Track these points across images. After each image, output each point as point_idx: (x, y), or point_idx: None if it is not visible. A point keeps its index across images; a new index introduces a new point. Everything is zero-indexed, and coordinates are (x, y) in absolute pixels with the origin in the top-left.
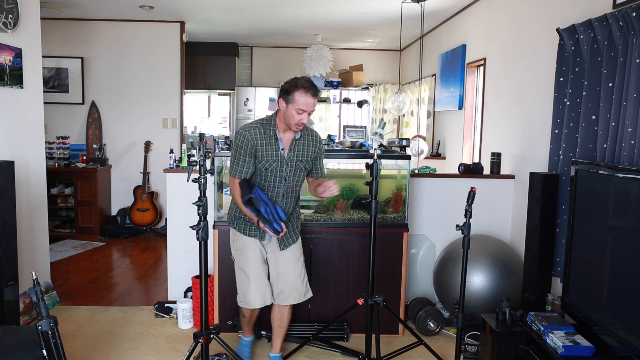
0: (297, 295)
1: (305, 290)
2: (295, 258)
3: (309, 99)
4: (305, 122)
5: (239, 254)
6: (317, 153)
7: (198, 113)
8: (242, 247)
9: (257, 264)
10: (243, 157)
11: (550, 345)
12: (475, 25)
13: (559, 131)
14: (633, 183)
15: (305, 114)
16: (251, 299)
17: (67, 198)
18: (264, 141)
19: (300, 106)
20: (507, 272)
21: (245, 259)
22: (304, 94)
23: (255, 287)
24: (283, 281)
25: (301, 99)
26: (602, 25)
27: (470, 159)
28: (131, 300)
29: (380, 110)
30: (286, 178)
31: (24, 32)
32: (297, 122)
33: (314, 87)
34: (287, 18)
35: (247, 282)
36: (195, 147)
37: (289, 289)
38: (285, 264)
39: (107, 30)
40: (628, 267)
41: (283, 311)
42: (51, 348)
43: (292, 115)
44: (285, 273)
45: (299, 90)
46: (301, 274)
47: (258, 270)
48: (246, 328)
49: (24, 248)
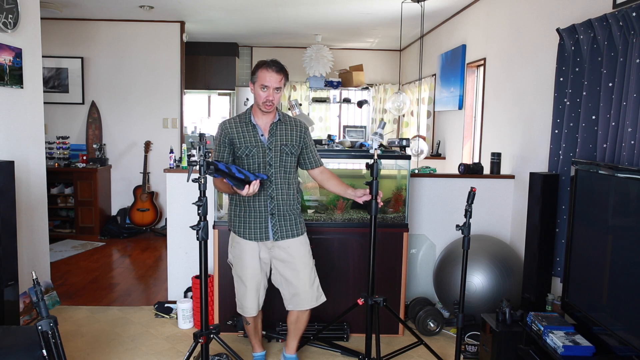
0: (309, 299)
1: (317, 294)
2: (303, 261)
3: (269, 73)
4: (273, 100)
5: (237, 261)
6: (304, 139)
7: (198, 113)
8: (239, 254)
9: (255, 272)
10: (220, 148)
11: (550, 345)
12: (475, 25)
13: (559, 131)
14: (633, 183)
15: (269, 90)
16: (248, 307)
17: (67, 198)
18: (239, 129)
19: (263, 82)
20: (507, 272)
21: (242, 266)
22: (265, 70)
23: (252, 295)
24: (292, 286)
25: (262, 74)
26: (602, 25)
27: (470, 159)
28: (131, 300)
29: (380, 110)
30: (271, 164)
31: (24, 32)
32: (264, 101)
33: (278, 64)
34: (287, 18)
35: (245, 290)
36: (195, 147)
37: (302, 294)
38: (293, 268)
39: (107, 30)
40: (628, 267)
41: (302, 317)
42: (51, 348)
43: (258, 94)
44: (294, 277)
45: (260, 68)
46: (311, 277)
47: (255, 278)
48: (254, 339)
49: (24, 248)
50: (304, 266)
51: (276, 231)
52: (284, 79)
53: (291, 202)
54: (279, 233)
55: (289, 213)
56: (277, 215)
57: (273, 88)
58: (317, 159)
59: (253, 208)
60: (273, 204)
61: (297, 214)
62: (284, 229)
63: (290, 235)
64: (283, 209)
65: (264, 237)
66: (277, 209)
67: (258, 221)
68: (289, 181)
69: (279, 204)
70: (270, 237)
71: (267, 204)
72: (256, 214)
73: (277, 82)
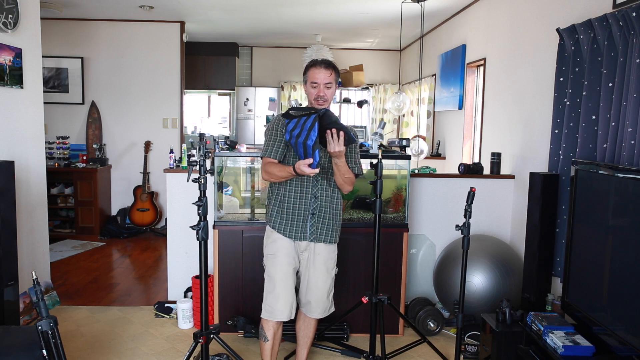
0: (322, 309)
1: (329, 304)
2: (328, 270)
3: (318, 70)
4: (324, 95)
5: (270, 260)
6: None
7: (198, 113)
8: (274, 252)
9: (288, 273)
10: (275, 137)
11: (550, 345)
12: (475, 25)
13: (559, 131)
14: (633, 183)
15: (319, 86)
16: (279, 310)
17: (67, 198)
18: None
19: (313, 79)
20: (507, 272)
21: (276, 266)
22: (313, 68)
23: (284, 296)
24: (311, 292)
25: (311, 72)
26: (602, 25)
27: (470, 159)
28: (131, 300)
29: (380, 110)
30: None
31: (24, 32)
32: (316, 97)
33: (326, 60)
34: (287, 18)
35: (276, 291)
36: (195, 147)
37: (315, 302)
38: (317, 275)
39: (107, 30)
40: (628, 267)
41: (311, 322)
42: (51, 348)
43: (310, 92)
44: (315, 285)
45: (310, 68)
46: (330, 288)
47: (288, 280)
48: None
49: (24, 248)
50: (327, 275)
51: (313, 231)
52: (334, 74)
53: (334, 205)
54: (315, 234)
55: (330, 216)
56: (318, 217)
57: (323, 84)
58: (358, 166)
59: (295, 205)
60: (316, 204)
61: (338, 219)
62: (322, 232)
63: (327, 240)
64: (325, 210)
65: (301, 237)
66: (318, 210)
67: (299, 219)
68: (334, 184)
69: (321, 204)
70: (307, 237)
71: (310, 203)
72: (298, 212)
73: (326, 78)
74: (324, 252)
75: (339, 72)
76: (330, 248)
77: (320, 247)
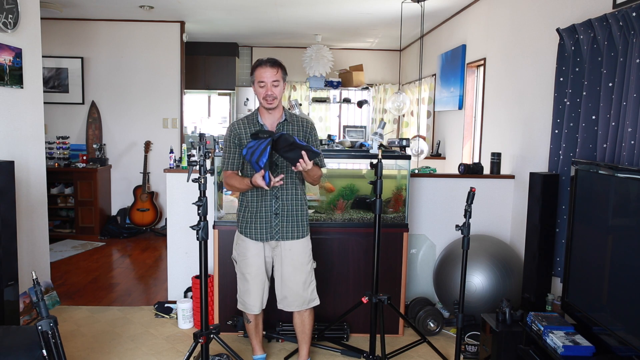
0: (300, 302)
1: (310, 297)
2: (301, 264)
3: (264, 69)
4: (272, 94)
5: (241, 259)
6: (309, 139)
7: (198, 113)
8: (244, 251)
9: (259, 270)
10: (231, 149)
11: (550, 345)
12: (475, 25)
13: (559, 131)
14: (633, 183)
15: (267, 85)
16: (250, 304)
17: (67, 198)
18: (247, 128)
19: (259, 78)
20: (507, 272)
21: (246, 264)
22: (259, 67)
23: (255, 292)
24: (286, 287)
25: (258, 72)
26: (602, 25)
27: (470, 159)
28: (131, 300)
29: (380, 110)
30: (277, 164)
31: (24, 32)
32: (264, 96)
33: (271, 59)
34: (287, 18)
35: (248, 287)
36: (195, 147)
37: (292, 296)
38: (290, 269)
39: (107, 30)
40: (628, 267)
41: (302, 317)
42: (51, 348)
43: (258, 92)
44: (288, 279)
45: (256, 68)
46: (306, 281)
47: (259, 276)
48: (254, 340)
49: (24, 248)
50: (301, 268)
51: (278, 231)
52: (281, 72)
53: (297, 202)
54: (281, 233)
55: (294, 214)
56: (282, 216)
57: (270, 82)
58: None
59: (259, 208)
60: (278, 204)
61: (302, 215)
62: (288, 230)
63: (293, 237)
64: (288, 209)
65: (268, 237)
66: (282, 209)
67: (263, 221)
68: (295, 182)
69: (284, 204)
70: (274, 237)
71: (272, 204)
72: (261, 214)
73: (272, 76)
74: (295, 247)
75: (285, 70)
76: (301, 243)
77: (290, 243)
